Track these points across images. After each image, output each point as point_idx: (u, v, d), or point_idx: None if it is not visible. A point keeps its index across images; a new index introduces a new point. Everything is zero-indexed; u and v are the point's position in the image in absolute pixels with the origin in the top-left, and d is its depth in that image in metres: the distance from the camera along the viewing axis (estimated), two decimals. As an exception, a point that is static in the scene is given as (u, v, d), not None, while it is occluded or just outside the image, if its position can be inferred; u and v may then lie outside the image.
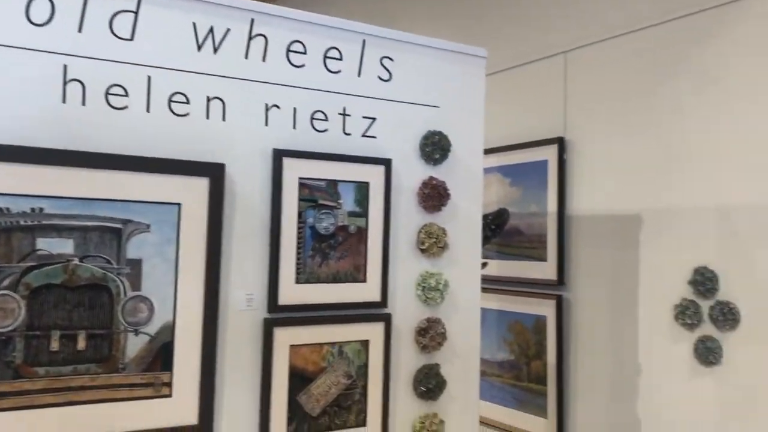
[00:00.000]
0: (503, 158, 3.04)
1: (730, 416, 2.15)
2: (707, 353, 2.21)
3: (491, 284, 2.99)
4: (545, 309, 2.77)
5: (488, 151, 3.09)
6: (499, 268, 3.00)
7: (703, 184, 2.26)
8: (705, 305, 2.23)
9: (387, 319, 1.85)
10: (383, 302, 1.85)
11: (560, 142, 2.77)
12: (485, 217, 2.55)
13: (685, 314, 2.27)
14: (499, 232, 2.73)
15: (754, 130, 2.13)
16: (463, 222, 2.01)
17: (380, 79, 1.90)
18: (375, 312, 1.84)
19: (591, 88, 2.70)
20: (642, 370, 2.43)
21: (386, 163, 1.87)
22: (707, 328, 2.23)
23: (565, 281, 2.73)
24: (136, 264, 1.56)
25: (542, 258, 2.80)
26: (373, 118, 1.88)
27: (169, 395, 1.58)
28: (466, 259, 2.01)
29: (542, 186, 2.83)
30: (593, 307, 2.62)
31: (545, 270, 2.79)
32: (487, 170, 3.09)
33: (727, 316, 2.17)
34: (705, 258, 2.25)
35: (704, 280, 2.23)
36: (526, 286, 2.87)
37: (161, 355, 1.57)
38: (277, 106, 1.75)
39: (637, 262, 2.47)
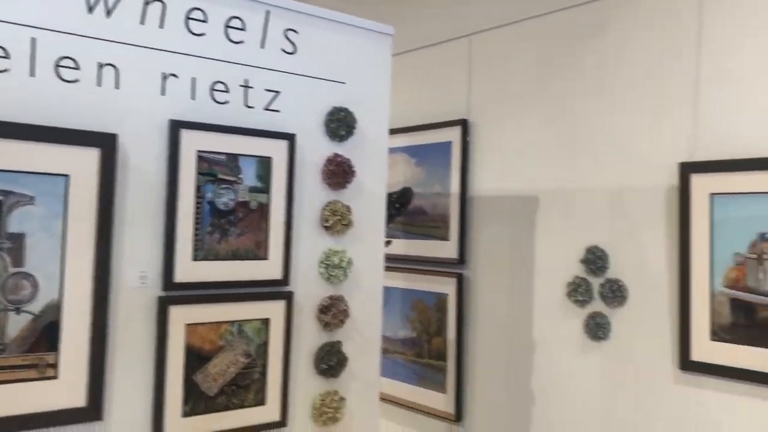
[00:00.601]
0: (409, 139, 3.06)
1: (616, 387, 2.28)
2: (597, 329, 2.32)
3: (395, 263, 3.02)
4: (447, 287, 2.83)
5: (394, 131, 3.09)
6: (403, 246, 3.03)
7: (596, 167, 2.37)
8: (596, 283, 2.35)
9: (288, 297, 1.83)
10: (285, 280, 1.82)
11: (464, 124, 2.81)
12: (390, 195, 2.56)
13: (577, 291, 2.38)
14: (404, 210, 2.75)
15: (642, 117, 2.24)
16: (368, 200, 2.01)
17: (284, 51, 1.86)
18: (276, 290, 1.81)
19: (494, 72, 2.75)
20: (536, 346, 2.53)
21: (290, 138, 1.83)
22: (597, 305, 2.34)
23: (466, 260, 2.79)
24: (19, 238, 1.46)
25: (445, 237, 2.85)
26: (277, 92, 1.84)
27: (55, 377, 1.49)
28: (370, 237, 2.01)
29: (446, 167, 2.88)
30: (492, 284, 2.70)
31: (447, 249, 2.84)
32: (393, 150, 3.10)
33: (615, 293, 2.28)
34: (596, 238, 2.35)
35: (595, 259, 2.34)
36: (429, 264, 2.91)
37: (46, 335, 1.48)
38: (175, 76, 1.67)
39: (534, 242, 2.56)
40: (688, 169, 2.09)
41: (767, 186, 1.91)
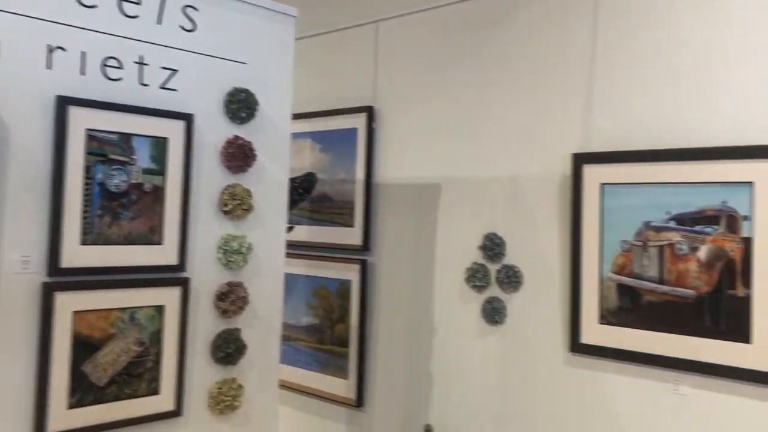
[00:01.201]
0: (315, 124, 3.03)
1: (511, 369, 2.36)
2: (493, 313, 2.39)
3: (299, 249, 2.99)
4: (350, 273, 2.83)
5: (300, 116, 3.07)
6: (307, 233, 3.01)
7: (495, 157, 2.43)
8: (493, 269, 2.41)
9: (185, 284, 1.77)
10: (181, 266, 1.76)
11: (370, 111, 2.81)
12: (293, 180, 2.52)
13: (475, 277, 2.44)
14: (307, 196, 2.73)
15: (538, 109, 2.32)
16: (270, 184, 1.97)
17: (183, 29, 1.79)
18: (171, 276, 1.75)
19: (400, 59, 2.76)
20: (436, 330, 2.58)
21: (187, 118, 1.77)
22: (494, 290, 2.41)
23: (370, 246, 2.80)
24: None
25: (349, 224, 2.85)
26: (174, 70, 1.77)
27: None
28: (271, 223, 1.97)
29: (351, 153, 2.87)
30: (395, 271, 2.73)
31: (352, 236, 2.84)
32: (299, 136, 3.07)
33: (511, 279, 2.36)
34: (494, 225, 2.42)
35: (493, 246, 2.40)
36: (334, 251, 2.91)
37: None
38: (63, 49, 1.57)
39: (436, 229, 2.60)
40: (580, 160, 2.18)
41: (652, 177, 2.02)
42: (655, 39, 2.07)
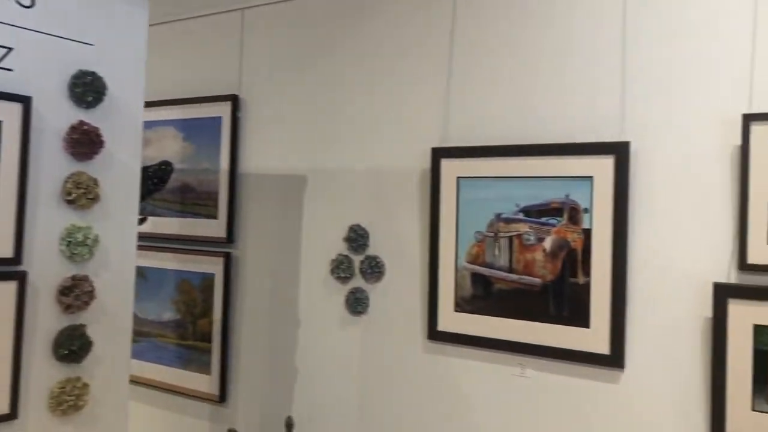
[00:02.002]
0: (177, 112, 2.93)
1: (373, 358, 2.40)
2: (356, 303, 2.42)
3: (161, 242, 2.89)
4: (214, 267, 2.76)
5: (162, 104, 2.96)
6: (169, 225, 2.90)
7: (359, 149, 2.45)
8: (357, 260, 2.44)
9: (21, 278, 1.65)
10: (17, 259, 1.64)
11: (234, 100, 2.75)
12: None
13: (340, 268, 2.46)
14: (162, 186, 2.63)
15: (399, 103, 2.36)
16: (119, 173, 1.88)
17: (19, 4, 1.66)
18: (6, 269, 1.63)
19: (266, 48, 2.72)
20: (301, 323, 2.57)
21: (24, 100, 1.65)
22: (358, 281, 2.44)
23: (235, 239, 2.75)
24: None
25: (213, 216, 2.78)
26: (9, 48, 1.64)
27: None
28: (120, 214, 1.88)
29: (216, 143, 2.79)
30: (260, 263, 2.69)
31: (215, 228, 2.77)
32: (161, 124, 2.95)
33: (374, 269, 2.39)
34: (358, 216, 2.44)
35: (357, 237, 2.43)
36: (197, 244, 2.82)
37: None
38: None
39: (301, 221, 2.59)
40: (438, 155, 2.24)
41: (503, 171, 2.12)
42: (509, 36, 2.17)
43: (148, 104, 2.96)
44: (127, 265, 1.91)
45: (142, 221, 1.89)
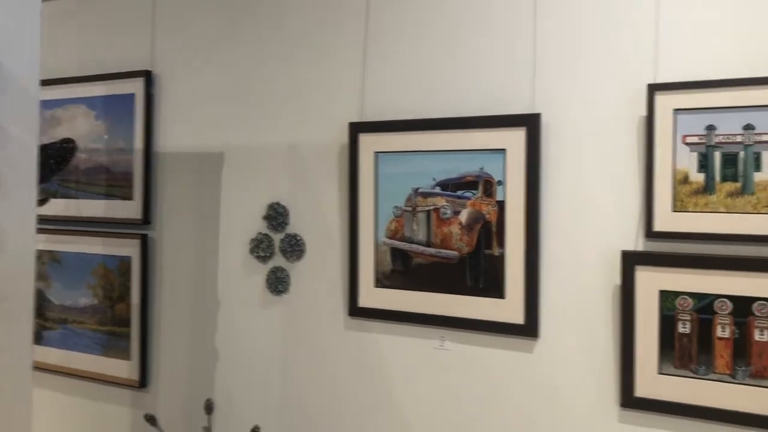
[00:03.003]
0: (89, 89, 2.80)
1: (296, 337, 2.37)
2: (277, 283, 2.38)
3: (73, 225, 2.77)
4: (130, 249, 2.67)
5: (72, 81, 2.82)
6: (84, 208, 2.78)
7: (277, 124, 2.40)
8: (277, 238, 2.40)
9: None
10: None
11: (147, 76, 2.65)
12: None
13: (260, 248, 2.41)
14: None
15: (317, 77, 2.32)
16: (13, 152, 1.77)
17: None
18: None
19: (180, 22, 2.62)
20: (221, 305, 2.52)
21: None
22: (278, 260, 2.40)
23: (151, 220, 2.66)
24: None
25: (128, 197, 2.68)
26: None
27: None
28: (16, 194, 1.78)
29: (129, 121, 2.69)
30: (178, 245, 2.61)
31: (131, 209, 2.67)
32: (71, 101, 2.82)
33: (294, 248, 2.36)
34: (278, 194, 2.40)
35: (276, 215, 2.38)
36: (112, 226, 2.72)
37: None
38: None
39: (220, 199, 2.52)
40: (356, 129, 2.21)
41: (420, 145, 2.11)
42: (424, 10, 2.14)
43: (57, 81, 2.85)
44: (26, 248, 1.81)
45: (42, 202, 1.80)
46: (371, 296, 2.21)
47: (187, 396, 2.58)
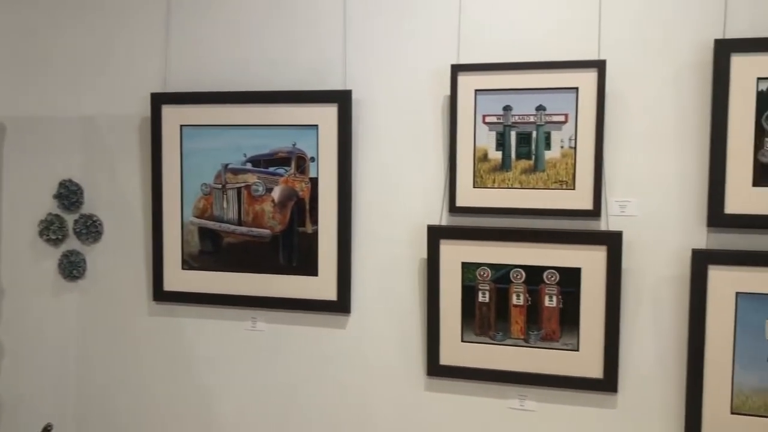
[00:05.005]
0: None
1: (94, 325, 2.19)
2: (71, 267, 2.18)
3: None
4: None
5: None
6: None
7: (68, 94, 2.17)
8: (70, 219, 2.18)
9: None
10: None
11: None
12: None
13: (50, 230, 2.18)
14: None
15: (113, 43, 2.13)
16: None
17: None
18: None
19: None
20: (6, 293, 2.25)
21: None
22: (72, 243, 2.19)
23: None
24: None
25: None
26: None
27: None
28: None
29: None
30: (-50, 228, 2.29)
31: None
32: None
33: (90, 229, 2.16)
34: (70, 170, 2.18)
35: (69, 194, 2.16)
36: None
37: None
38: None
39: (1, 176, 2.24)
40: (158, 100, 2.06)
41: (229, 119, 2.02)
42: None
43: None
44: None
45: None
46: (178, 279, 2.09)
47: (-37, 399, 2.29)
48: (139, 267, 2.14)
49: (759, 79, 1.64)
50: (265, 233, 2.02)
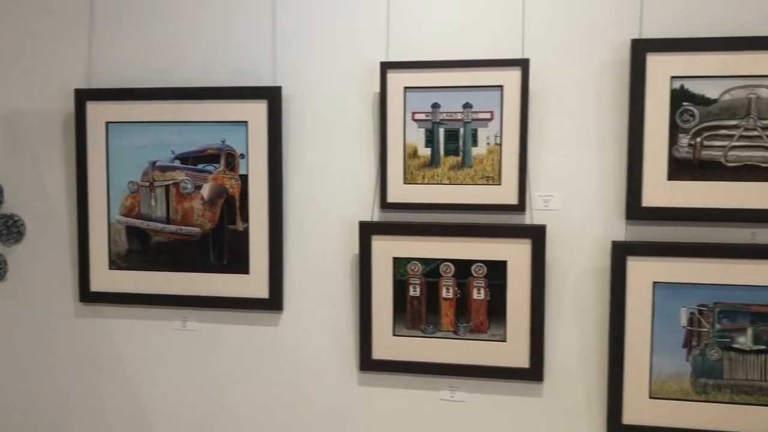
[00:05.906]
0: None
1: (16, 329, 2.12)
2: (-9, 270, 2.10)
3: None
4: None
5: None
6: None
7: (-14, 89, 2.10)
8: (-10, 220, 2.11)
9: None
10: None
11: None
12: None
13: (-32, 231, 2.10)
14: None
15: (37, 36, 2.06)
16: None
17: None
18: None
19: None
20: None
21: None
22: (-8, 244, 2.11)
23: None
24: None
25: None
26: None
27: None
28: None
29: None
30: None
31: None
32: None
33: (11, 230, 2.09)
34: (-11, 169, 2.10)
35: (-12, 193, 2.09)
36: None
37: None
38: None
39: None
40: (83, 96, 2.01)
41: (156, 116, 1.98)
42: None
43: None
44: None
45: None
46: (105, 279, 2.04)
47: None
48: (64, 267, 2.08)
49: (673, 77, 1.72)
50: (195, 231, 1.99)
